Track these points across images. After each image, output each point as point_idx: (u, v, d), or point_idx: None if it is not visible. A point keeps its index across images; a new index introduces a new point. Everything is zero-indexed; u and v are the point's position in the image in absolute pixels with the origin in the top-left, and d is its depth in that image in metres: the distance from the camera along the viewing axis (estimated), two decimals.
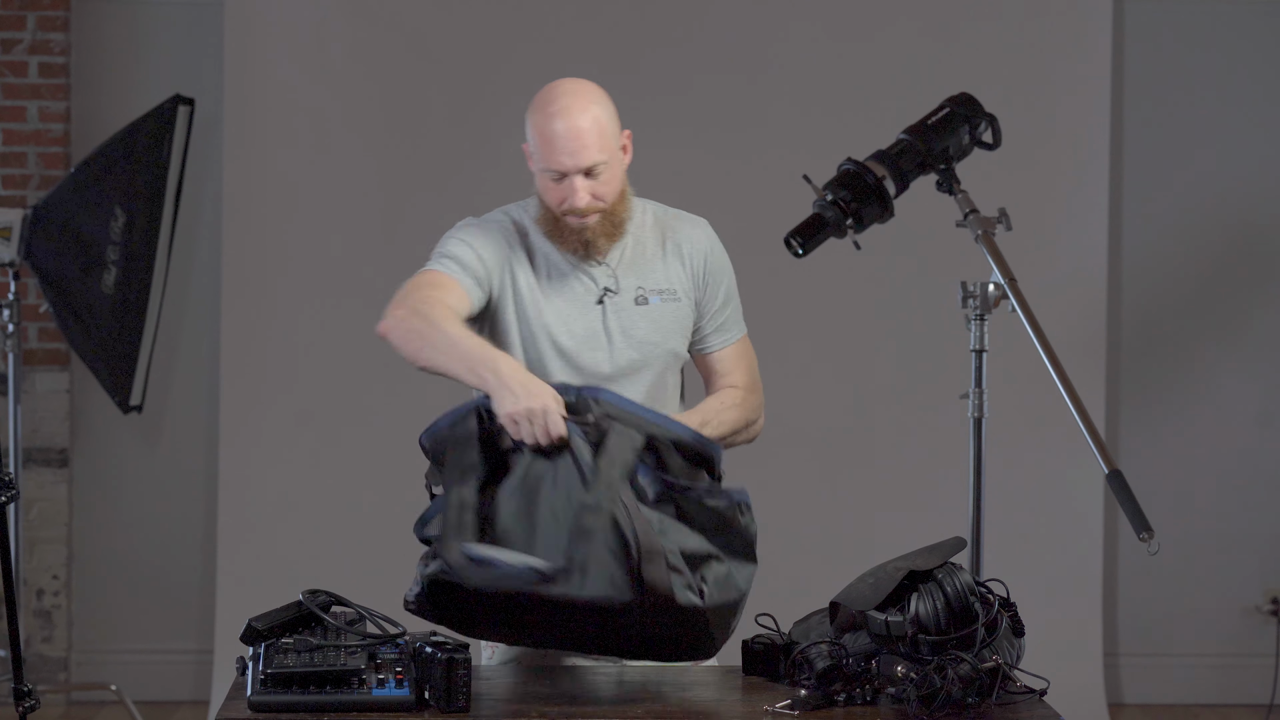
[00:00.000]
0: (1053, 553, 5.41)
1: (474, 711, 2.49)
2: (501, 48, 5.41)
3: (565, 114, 2.90)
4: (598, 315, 2.96)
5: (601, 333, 2.95)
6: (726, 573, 2.61)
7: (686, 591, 2.54)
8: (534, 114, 2.95)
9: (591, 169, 2.90)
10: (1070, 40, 5.45)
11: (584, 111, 2.91)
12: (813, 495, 5.36)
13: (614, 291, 2.97)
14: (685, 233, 3.04)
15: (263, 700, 2.46)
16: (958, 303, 3.68)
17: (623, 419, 2.64)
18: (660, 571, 2.51)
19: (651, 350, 2.97)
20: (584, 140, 2.90)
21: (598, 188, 2.91)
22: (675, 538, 2.57)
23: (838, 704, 2.55)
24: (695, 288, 3.02)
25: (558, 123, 2.90)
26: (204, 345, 5.51)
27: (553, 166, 2.91)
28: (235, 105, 5.37)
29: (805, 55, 5.43)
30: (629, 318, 2.96)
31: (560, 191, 2.91)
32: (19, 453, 5.06)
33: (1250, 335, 5.59)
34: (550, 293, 2.95)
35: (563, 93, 2.94)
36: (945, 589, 2.58)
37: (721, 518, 2.64)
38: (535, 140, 2.95)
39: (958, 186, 3.66)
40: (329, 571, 4.65)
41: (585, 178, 2.90)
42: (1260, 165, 5.57)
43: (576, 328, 2.95)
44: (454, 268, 2.94)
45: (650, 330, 2.97)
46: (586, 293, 2.96)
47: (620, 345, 2.95)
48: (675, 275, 3.01)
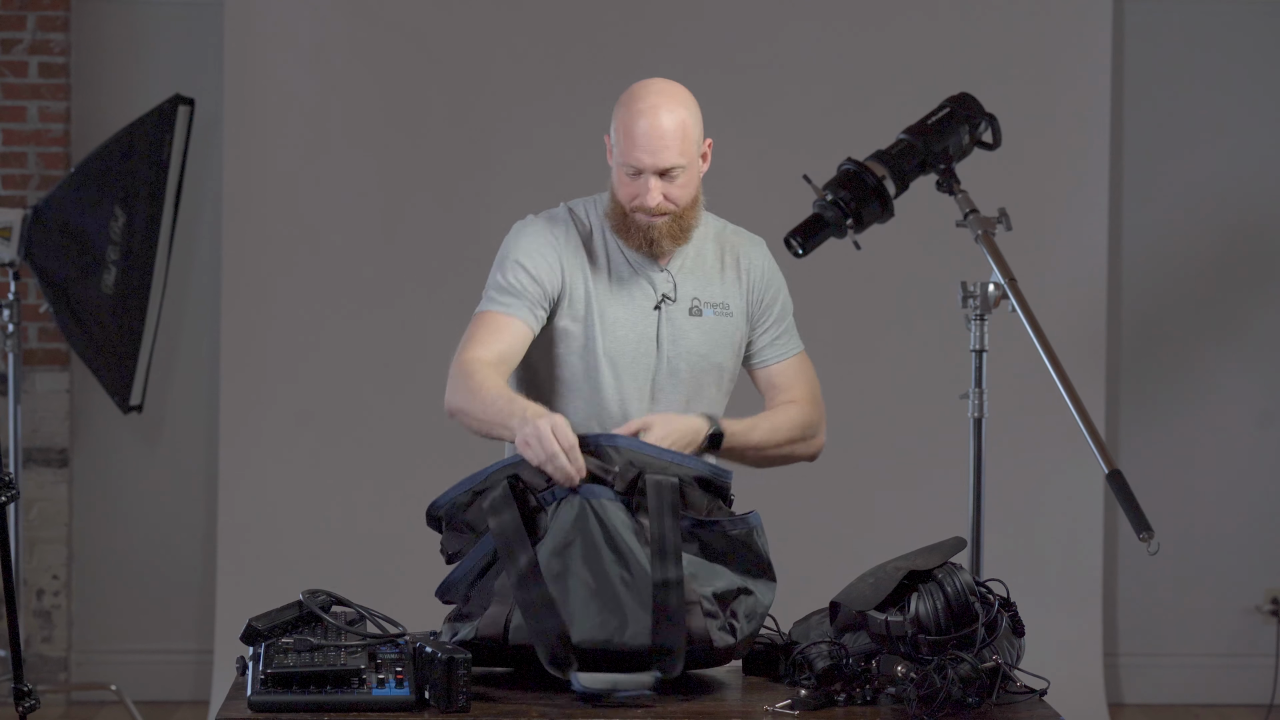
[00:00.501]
0: (1053, 553, 5.41)
1: (474, 711, 2.49)
2: (501, 48, 5.41)
3: (651, 112, 2.93)
4: (653, 321, 3.01)
5: (653, 339, 3.01)
6: (754, 602, 2.67)
7: (721, 634, 2.61)
8: (621, 108, 2.97)
9: (669, 170, 2.93)
10: (1070, 40, 5.45)
11: (670, 113, 2.94)
12: (812, 495, 5.35)
13: (671, 299, 3.02)
14: (745, 249, 3.10)
15: (263, 700, 2.46)
16: (958, 303, 3.68)
17: (649, 465, 2.65)
18: (697, 620, 2.58)
19: (698, 362, 3.03)
20: (666, 141, 2.92)
21: (671, 190, 2.95)
22: (706, 580, 2.62)
23: (838, 704, 2.55)
24: (750, 304, 3.08)
25: (643, 120, 2.92)
26: (204, 345, 5.51)
27: (630, 162, 2.93)
28: (235, 105, 5.37)
29: (805, 55, 5.43)
30: (681, 327, 3.02)
31: (634, 187, 2.94)
32: (19, 453, 5.06)
33: (1250, 335, 5.59)
34: (610, 295, 3.01)
35: (653, 91, 2.96)
36: (945, 589, 2.58)
37: (743, 545, 2.69)
38: (618, 134, 2.96)
39: (958, 186, 3.66)
40: (329, 571, 4.65)
41: (660, 178, 2.93)
42: (1260, 165, 5.57)
43: (631, 333, 3.00)
44: (509, 302, 2.97)
45: (700, 341, 3.03)
46: (645, 298, 3.02)
47: (669, 353, 3.01)
48: (731, 290, 3.06)
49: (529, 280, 2.98)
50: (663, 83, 2.99)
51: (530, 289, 2.98)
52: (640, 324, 3.01)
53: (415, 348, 5.34)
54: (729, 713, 2.54)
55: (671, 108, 2.94)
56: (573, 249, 3.02)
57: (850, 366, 5.43)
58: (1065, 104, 5.45)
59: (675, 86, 2.99)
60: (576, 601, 2.55)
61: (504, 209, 5.61)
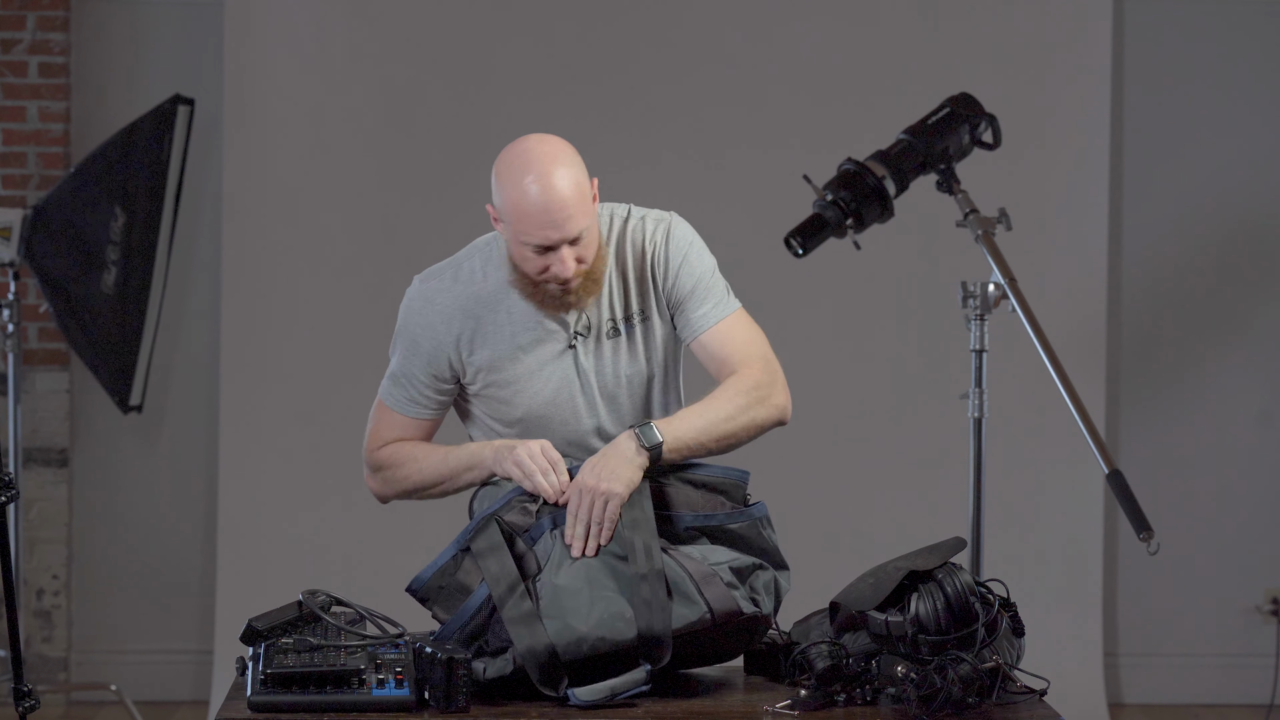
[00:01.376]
0: (1053, 552, 5.41)
1: (473, 712, 2.49)
2: (501, 48, 5.41)
3: (542, 182, 2.72)
4: (568, 361, 2.88)
5: (574, 379, 2.88)
6: (770, 578, 2.69)
7: (747, 602, 2.63)
8: (505, 184, 2.76)
9: (577, 237, 2.75)
10: (1070, 40, 5.45)
11: (561, 175, 2.73)
12: (813, 495, 5.36)
13: (583, 335, 2.88)
14: (637, 242, 2.89)
15: (263, 700, 2.46)
16: (958, 303, 3.68)
17: None
18: (720, 590, 2.60)
19: (629, 381, 2.90)
20: (568, 210, 2.72)
21: (582, 252, 2.77)
22: (720, 558, 2.65)
23: (838, 704, 2.56)
24: (662, 292, 2.90)
25: (536, 195, 2.72)
26: (204, 345, 5.50)
27: (536, 241, 2.74)
28: (235, 105, 5.37)
29: (805, 55, 5.42)
30: (601, 356, 2.89)
31: (543, 261, 2.76)
32: (19, 453, 5.06)
33: (1250, 335, 5.59)
34: (517, 353, 2.87)
35: (535, 158, 2.74)
36: (945, 589, 2.58)
37: (745, 538, 2.71)
38: (510, 211, 2.75)
39: (958, 186, 3.66)
40: (329, 571, 4.66)
41: (571, 245, 2.75)
42: (1261, 165, 5.57)
43: (547, 384, 2.88)
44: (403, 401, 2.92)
45: (624, 361, 2.90)
46: (556, 341, 2.88)
47: (596, 385, 2.89)
48: (638, 291, 2.89)
49: (419, 376, 2.89)
50: (537, 144, 2.77)
51: (422, 384, 2.89)
52: (556, 370, 2.88)
53: None
54: (729, 713, 2.54)
55: (560, 169, 2.73)
56: (466, 323, 2.87)
57: (850, 367, 5.43)
58: (1065, 104, 5.44)
59: (552, 143, 2.78)
60: (570, 605, 2.57)
61: None
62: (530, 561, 2.64)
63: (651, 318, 2.91)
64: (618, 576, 2.60)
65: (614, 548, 2.62)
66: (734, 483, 2.76)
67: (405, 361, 2.91)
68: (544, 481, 2.70)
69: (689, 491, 2.71)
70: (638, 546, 2.60)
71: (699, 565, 2.61)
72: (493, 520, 2.66)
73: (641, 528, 2.63)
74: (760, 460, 3.69)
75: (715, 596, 2.59)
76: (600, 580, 2.60)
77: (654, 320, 2.91)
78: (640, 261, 2.89)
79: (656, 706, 2.54)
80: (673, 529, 2.69)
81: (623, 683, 2.53)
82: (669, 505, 2.69)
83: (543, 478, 2.70)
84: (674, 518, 2.69)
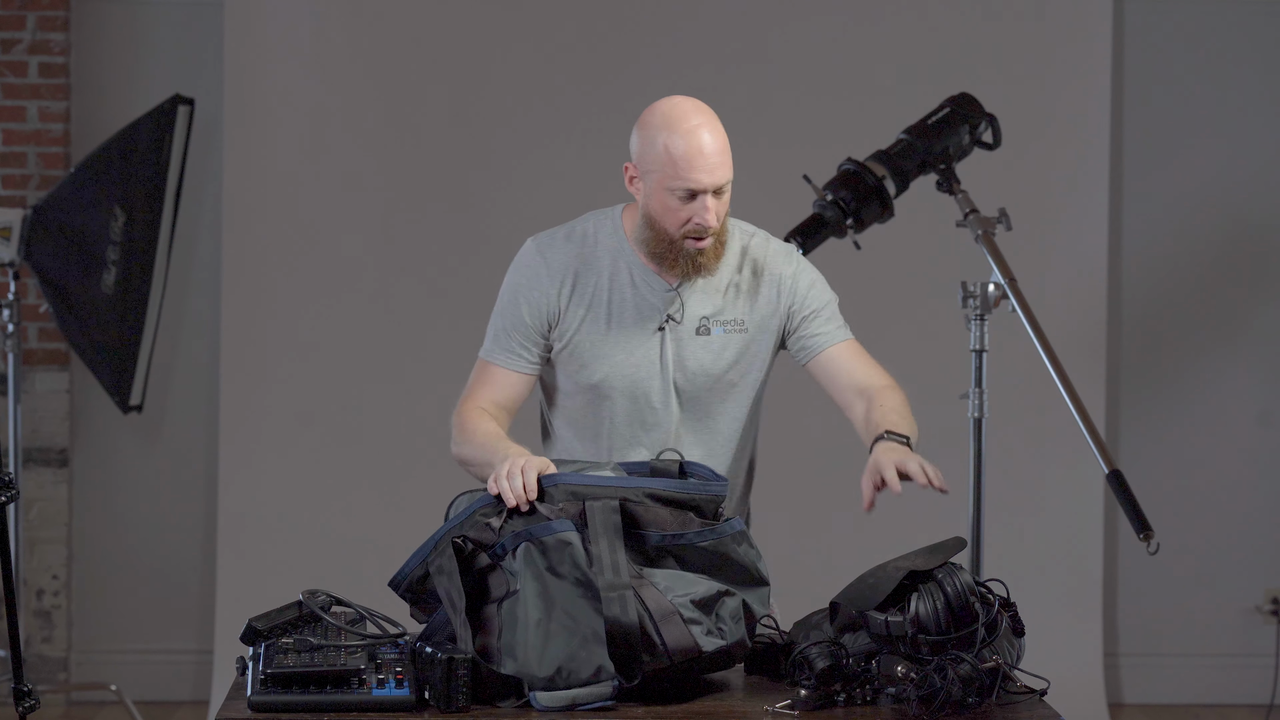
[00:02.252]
0: (1053, 553, 5.41)
1: (473, 712, 2.49)
2: (501, 48, 5.41)
3: (699, 131, 2.90)
4: (655, 343, 3.00)
5: (656, 361, 3.00)
6: (738, 604, 2.65)
7: (708, 638, 2.59)
8: (663, 131, 2.93)
9: (721, 188, 2.92)
10: (1070, 40, 5.45)
11: (717, 130, 2.92)
12: (812, 495, 5.36)
13: (677, 320, 3.00)
14: (771, 263, 3.06)
15: (263, 700, 2.46)
16: (958, 303, 3.68)
17: (590, 493, 2.66)
18: (679, 630, 2.56)
19: (707, 381, 3.02)
20: (725, 156, 2.91)
21: (721, 208, 2.94)
22: (683, 590, 2.61)
23: (838, 704, 2.55)
24: (780, 315, 3.05)
25: (693, 140, 2.90)
26: (204, 345, 5.51)
27: (689, 185, 2.90)
28: (235, 105, 5.37)
29: (805, 54, 5.43)
30: (688, 347, 3.01)
31: (688, 210, 2.92)
32: (19, 453, 5.06)
33: (1250, 335, 5.59)
34: (609, 321, 3.00)
35: (694, 109, 2.94)
36: (945, 589, 2.58)
37: (717, 555, 2.67)
38: (664, 158, 2.91)
39: (958, 186, 3.67)
40: (329, 571, 4.65)
41: (714, 197, 2.91)
42: (1261, 165, 5.57)
43: (629, 358, 3.00)
44: (501, 353, 3.03)
45: (709, 361, 3.01)
46: (649, 320, 3.00)
47: (675, 375, 3.00)
48: (746, 305, 3.03)
49: (521, 324, 3.01)
50: (693, 101, 2.98)
51: (522, 334, 3.02)
52: (640, 348, 3.01)
53: (415, 347, 5.34)
54: (729, 712, 2.54)
55: (715, 125, 2.93)
56: (569, 278, 3.01)
57: None
58: (1065, 104, 5.44)
59: (703, 104, 2.98)
60: (532, 645, 2.53)
61: (504, 208, 5.64)
62: (499, 578, 2.61)
63: (749, 331, 3.03)
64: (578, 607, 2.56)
65: (578, 573, 2.58)
66: (707, 498, 2.73)
67: (509, 312, 3.03)
68: (506, 484, 2.66)
69: (658, 510, 2.68)
70: (616, 563, 2.57)
71: (659, 600, 2.56)
72: (449, 541, 2.63)
73: (612, 548, 2.59)
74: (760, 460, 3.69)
75: (673, 637, 2.55)
76: (563, 616, 2.55)
77: (752, 334, 3.04)
78: (757, 275, 3.04)
79: (656, 707, 2.54)
80: (642, 547, 2.65)
81: (586, 694, 2.51)
82: (638, 524, 2.65)
83: (507, 481, 2.66)
84: (643, 537, 2.65)
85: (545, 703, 2.50)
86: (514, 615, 2.56)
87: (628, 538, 2.63)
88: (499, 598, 2.59)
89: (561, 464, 2.86)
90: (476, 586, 2.62)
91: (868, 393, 3.06)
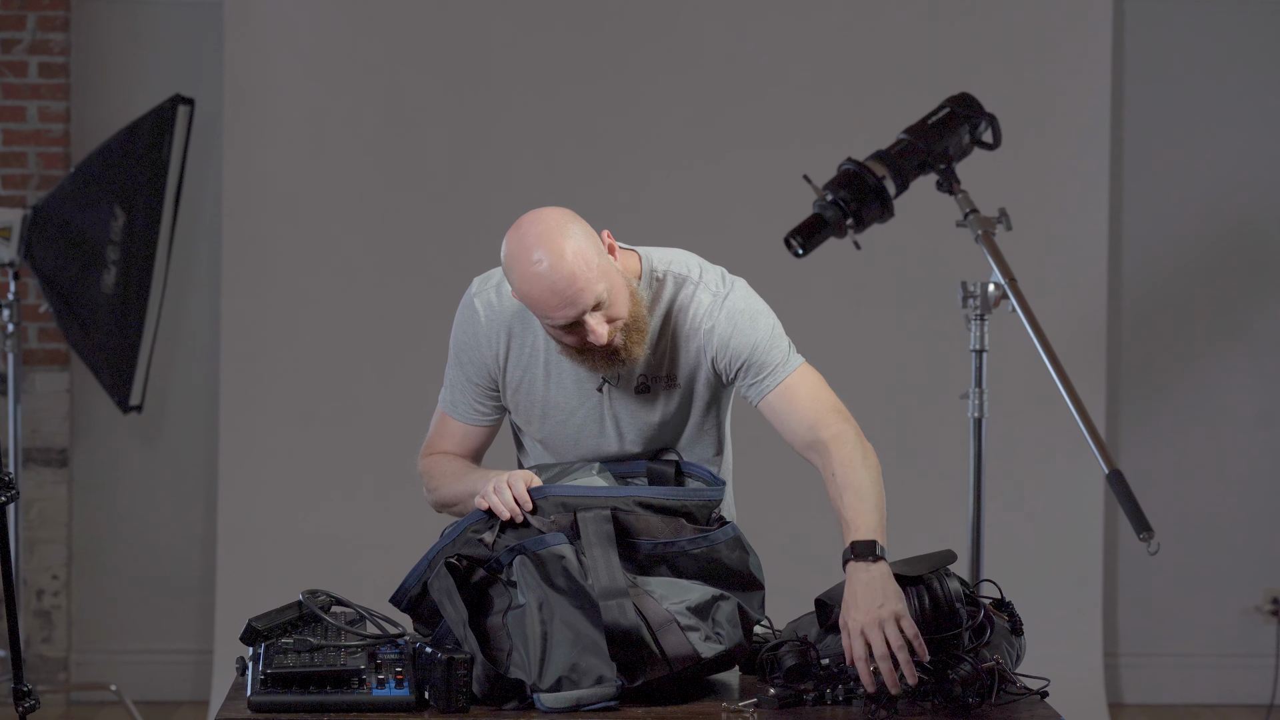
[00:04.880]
0: (1053, 553, 5.41)
1: (473, 712, 2.49)
2: (501, 47, 5.41)
3: (546, 264, 2.66)
4: (596, 404, 2.88)
5: (598, 421, 2.89)
6: (733, 608, 2.66)
7: (708, 644, 2.60)
8: (513, 273, 2.72)
9: (597, 304, 2.69)
10: (1070, 39, 5.45)
11: (562, 254, 2.66)
12: (811, 495, 5.34)
13: (612, 382, 2.86)
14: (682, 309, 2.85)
15: (263, 700, 2.46)
16: (958, 303, 3.68)
17: (581, 504, 2.65)
18: (677, 638, 2.57)
19: (653, 431, 2.90)
20: (578, 284, 2.66)
21: (610, 312, 2.71)
22: (678, 597, 2.62)
23: (805, 703, 2.55)
24: (713, 364, 2.86)
25: (543, 277, 2.66)
26: (204, 345, 5.51)
27: (557, 322, 2.70)
28: (235, 105, 5.37)
29: (804, 54, 5.42)
30: (628, 406, 2.88)
31: (575, 336, 2.73)
32: (19, 453, 5.06)
33: (1250, 335, 5.59)
34: (549, 382, 2.90)
35: (534, 242, 2.68)
36: (934, 591, 2.59)
37: (710, 562, 2.67)
38: (524, 300, 2.73)
39: (958, 186, 3.67)
40: (329, 571, 4.66)
41: (594, 311, 2.69)
42: (1261, 165, 5.57)
43: (572, 418, 2.90)
44: (459, 405, 2.95)
45: (651, 412, 2.88)
46: (589, 380, 2.87)
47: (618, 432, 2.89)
48: (676, 360, 2.86)
49: (469, 383, 2.92)
50: (534, 225, 2.71)
51: (473, 392, 2.92)
52: (582, 409, 2.89)
53: (415, 347, 5.34)
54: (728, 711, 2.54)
55: (559, 248, 2.66)
56: (503, 336, 2.88)
57: (850, 367, 5.41)
58: (1065, 103, 5.44)
59: (547, 221, 2.71)
60: (533, 657, 2.54)
61: (504, 209, 5.61)
62: (499, 590, 2.61)
63: (681, 384, 2.88)
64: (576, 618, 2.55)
65: (573, 585, 2.57)
66: (700, 504, 2.72)
67: (455, 369, 2.95)
68: (495, 499, 2.66)
69: (649, 518, 2.67)
70: (611, 568, 2.57)
71: (656, 609, 2.57)
72: (443, 562, 2.63)
73: (605, 556, 2.59)
74: (760, 460, 3.69)
75: (672, 645, 2.56)
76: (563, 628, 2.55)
77: (685, 385, 2.88)
78: (688, 330, 2.85)
79: (656, 707, 2.54)
80: (634, 556, 2.65)
81: (590, 695, 2.51)
82: (630, 534, 2.65)
83: (496, 496, 2.66)
84: (635, 545, 2.65)
85: (549, 704, 2.50)
86: (520, 629, 2.57)
87: (620, 547, 2.62)
88: (503, 609, 2.60)
89: (544, 469, 2.86)
90: (477, 599, 2.63)
91: (816, 447, 2.82)
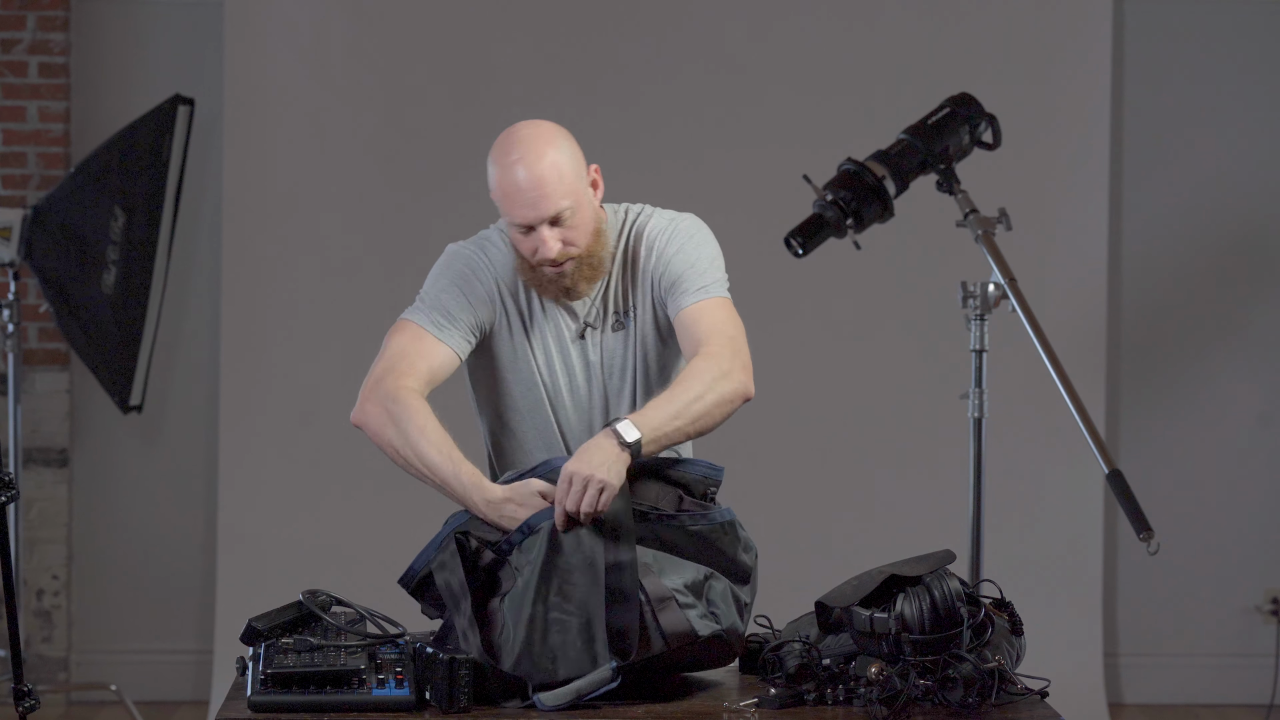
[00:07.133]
0: (1053, 553, 5.41)
1: (474, 712, 2.49)
2: (501, 47, 5.41)
3: (520, 164, 2.79)
4: (579, 351, 2.93)
5: (583, 369, 2.92)
6: (725, 587, 2.65)
7: (704, 621, 2.59)
8: (492, 166, 2.84)
9: (557, 217, 2.80)
10: (1070, 40, 5.45)
11: (540, 158, 2.79)
12: (811, 495, 5.36)
13: (594, 326, 2.92)
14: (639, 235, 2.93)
15: (263, 700, 2.46)
16: (958, 303, 3.68)
17: None
18: (676, 615, 2.56)
19: (637, 369, 2.93)
20: (544, 189, 2.79)
21: (567, 234, 2.82)
22: (674, 574, 2.61)
23: (806, 703, 2.55)
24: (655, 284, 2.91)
25: (515, 173, 2.79)
26: (204, 345, 5.51)
27: (516, 221, 2.81)
28: (235, 105, 5.37)
29: (804, 54, 5.43)
30: (610, 348, 2.93)
31: (530, 243, 2.83)
32: (19, 453, 5.06)
33: (1250, 335, 5.59)
34: (535, 329, 2.92)
35: (518, 141, 2.82)
36: (933, 592, 2.59)
37: (705, 541, 2.66)
38: (496, 192, 2.84)
39: (958, 186, 3.66)
40: (329, 571, 4.65)
41: (553, 226, 2.81)
42: (1261, 165, 5.57)
43: (561, 366, 2.92)
44: (442, 324, 2.88)
45: (630, 353, 2.93)
46: (567, 329, 2.92)
47: (605, 377, 2.93)
48: (633, 285, 2.93)
49: (464, 306, 2.89)
50: (526, 127, 2.84)
51: (463, 316, 2.89)
52: (566, 358, 2.93)
53: None
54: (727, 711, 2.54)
55: (540, 152, 2.79)
56: (504, 280, 2.92)
57: (850, 367, 5.43)
58: (1065, 104, 5.44)
59: (540, 127, 2.84)
60: (536, 643, 2.55)
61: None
62: (508, 572, 2.61)
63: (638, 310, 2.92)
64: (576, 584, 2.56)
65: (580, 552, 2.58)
66: (697, 478, 2.70)
67: (450, 290, 2.89)
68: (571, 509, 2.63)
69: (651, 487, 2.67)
70: (620, 533, 2.56)
71: (656, 585, 2.56)
72: (452, 538, 2.63)
73: (623, 517, 2.58)
74: (760, 460, 3.69)
75: (669, 622, 2.55)
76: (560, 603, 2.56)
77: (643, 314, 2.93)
78: (646, 254, 2.92)
79: (656, 706, 2.54)
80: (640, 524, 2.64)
81: (588, 683, 2.51)
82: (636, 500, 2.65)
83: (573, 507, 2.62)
84: (644, 514, 2.64)
85: (550, 702, 2.50)
86: (516, 609, 2.57)
87: None
88: (505, 592, 2.60)
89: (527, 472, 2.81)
90: (486, 581, 2.63)
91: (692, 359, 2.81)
